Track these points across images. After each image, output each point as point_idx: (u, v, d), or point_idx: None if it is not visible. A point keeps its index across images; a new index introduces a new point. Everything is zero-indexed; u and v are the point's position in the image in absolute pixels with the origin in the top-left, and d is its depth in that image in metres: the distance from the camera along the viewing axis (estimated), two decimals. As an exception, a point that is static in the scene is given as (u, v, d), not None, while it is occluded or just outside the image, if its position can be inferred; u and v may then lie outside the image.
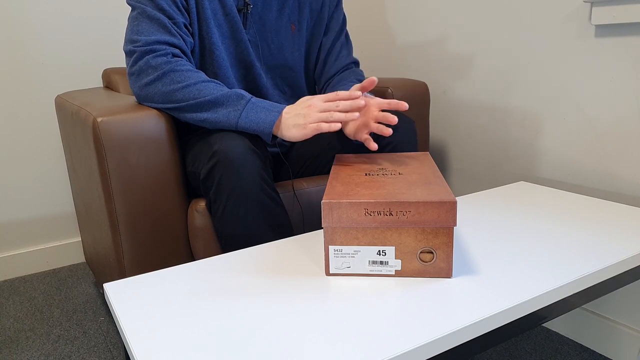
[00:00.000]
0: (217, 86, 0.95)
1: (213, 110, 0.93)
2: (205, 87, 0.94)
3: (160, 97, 0.96)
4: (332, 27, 1.22)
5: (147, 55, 0.95)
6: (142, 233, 0.99)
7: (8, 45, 1.53)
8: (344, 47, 1.24)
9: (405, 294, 0.65)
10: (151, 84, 0.96)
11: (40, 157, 1.65)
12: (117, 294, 0.69)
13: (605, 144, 1.09)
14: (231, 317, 0.61)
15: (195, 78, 0.94)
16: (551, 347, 1.16)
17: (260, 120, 0.92)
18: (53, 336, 1.29)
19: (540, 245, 0.79)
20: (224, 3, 1.05)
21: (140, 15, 0.98)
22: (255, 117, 0.92)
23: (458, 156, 1.47)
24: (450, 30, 1.41)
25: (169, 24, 0.98)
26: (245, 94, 0.94)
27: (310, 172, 1.19)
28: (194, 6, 1.02)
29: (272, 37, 1.13)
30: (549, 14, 1.15)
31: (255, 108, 0.93)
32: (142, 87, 0.97)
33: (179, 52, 0.98)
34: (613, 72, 1.05)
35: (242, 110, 0.92)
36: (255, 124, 0.92)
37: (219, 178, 0.89)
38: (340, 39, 1.23)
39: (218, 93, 0.93)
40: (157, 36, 0.96)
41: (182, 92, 0.94)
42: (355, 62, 1.25)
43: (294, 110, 0.93)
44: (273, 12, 1.12)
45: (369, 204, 0.67)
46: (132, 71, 0.98)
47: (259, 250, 0.82)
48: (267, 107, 0.94)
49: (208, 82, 0.95)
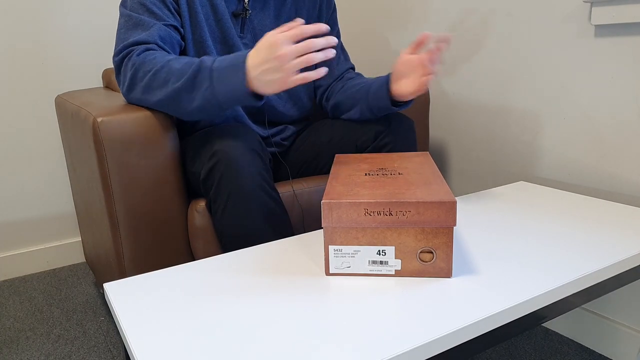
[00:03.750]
0: (181, 62, 0.89)
1: (189, 99, 0.89)
2: (171, 67, 0.89)
3: (142, 93, 0.95)
4: (329, 32, 1.22)
5: (124, 60, 0.96)
6: (142, 233, 0.99)
7: (8, 46, 1.53)
8: (342, 52, 1.25)
9: (405, 293, 0.65)
10: (132, 86, 0.95)
11: (40, 157, 1.65)
12: (117, 294, 0.69)
13: (605, 144, 1.09)
14: (231, 317, 0.61)
15: (162, 60, 0.91)
16: (551, 347, 1.16)
17: (232, 87, 0.84)
18: (53, 336, 1.29)
19: (540, 245, 0.79)
20: (215, 8, 1.05)
21: (125, 24, 0.99)
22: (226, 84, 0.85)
23: (458, 156, 1.47)
24: (450, 30, 1.41)
25: (153, 25, 0.97)
26: (207, 63, 0.87)
27: (310, 172, 1.19)
28: (186, 10, 1.02)
29: None
30: (549, 14, 1.15)
31: (221, 74, 0.85)
32: (127, 92, 0.97)
33: (154, 47, 0.96)
34: (613, 72, 1.05)
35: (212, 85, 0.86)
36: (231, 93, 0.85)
37: (219, 178, 0.89)
38: (337, 43, 1.24)
39: (185, 74, 0.87)
40: (133, 38, 0.96)
41: (154, 80, 0.91)
42: (352, 67, 1.25)
43: (260, 62, 0.82)
44: (270, 18, 1.12)
45: (368, 204, 0.67)
46: (118, 81, 0.99)
47: (259, 250, 0.82)
48: (231, 63, 0.85)
49: (173, 60, 0.90)
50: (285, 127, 1.21)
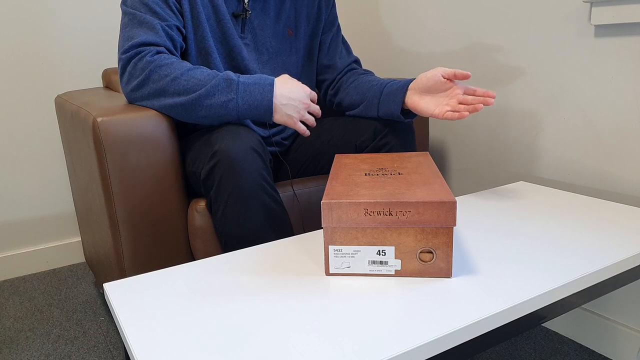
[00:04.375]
0: (203, 72, 0.94)
1: (208, 106, 0.93)
2: (192, 76, 0.93)
3: (153, 96, 0.96)
4: (329, 27, 1.23)
5: (133, 59, 0.96)
6: (142, 233, 0.99)
7: (8, 45, 1.53)
8: (344, 46, 1.25)
9: (405, 293, 0.65)
10: (142, 86, 0.96)
11: (40, 157, 1.65)
12: (117, 294, 0.69)
13: (605, 144, 1.09)
14: (231, 317, 0.61)
15: (182, 68, 0.94)
16: (551, 347, 1.16)
17: (257, 103, 0.94)
18: (53, 336, 1.29)
19: (540, 245, 0.79)
20: (217, 9, 1.05)
21: (130, 22, 0.99)
22: (251, 99, 0.93)
23: (458, 156, 1.47)
24: (450, 30, 1.41)
25: (159, 26, 0.97)
26: (232, 76, 0.94)
27: (310, 172, 1.19)
28: (188, 11, 1.03)
29: (269, 42, 1.13)
30: (549, 14, 1.15)
31: (247, 89, 0.93)
32: (133, 90, 0.97)
33: (164, 50, 0.98)
34: (613, 72, 1.05)
35: (238, 97, 0.93)
36: (254, 107, 0.94)
37: (219, 178, 0.89)
38: (338, 37, 1.24)
39: (207, 83, 0.92)
40: (142, 38, 0.96)
41: (172, 86, 0.93)
42: (357, 60, 1.25)
43: (289, 96, 0.96)
44: (270, 18, 1.12)
45: (368, 204, 0.67)
46: (122, 79, 0.99)
47: (259, 250, 0.82)
48: (257, 82, 0.95)
49: (194, 70, 0.94)
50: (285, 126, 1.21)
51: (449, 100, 0.97)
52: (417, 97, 1.00)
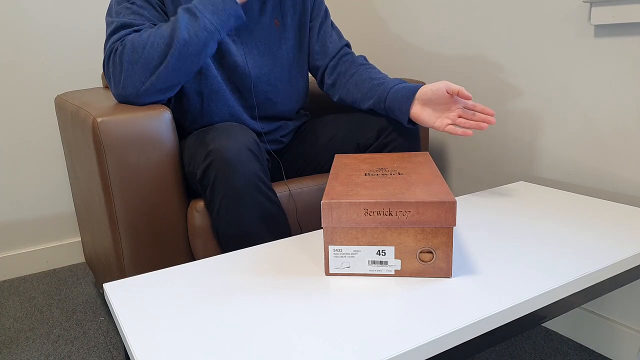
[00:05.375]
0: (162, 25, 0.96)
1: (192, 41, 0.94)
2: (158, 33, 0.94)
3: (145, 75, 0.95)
4: (317, 13, 1.22)
5: (111, 55, 0.97)
6: (142, 233, 0.99)
7: (8, 45, 1.53)
8: (334, 30, 1.24)
9: (405, 293, 0.65)
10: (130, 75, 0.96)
11: (40, 157, 1.65)
12: (117, 294, 0.69)
13: (604, 144, 1.09)
14: (231, 317, 0.61)
15: (145, 35, 0.95)
16: (551, 347, 1.16)
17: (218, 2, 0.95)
18: (53, 336, 1.29)
19: (540, 245, 0.79)
20: None
21: (115, 31, 0.99)
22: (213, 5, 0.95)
23: (458, 156, 1.47)
24: (450, 30, 1.41)
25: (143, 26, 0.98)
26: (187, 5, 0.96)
27: (309, 171, 1.19)
28: (172, 11, 1.03)
29: (257, 35, 1.13)
30: (549, 14, 1.15)
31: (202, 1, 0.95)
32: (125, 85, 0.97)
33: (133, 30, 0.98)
34: (612, 72, 1.05)
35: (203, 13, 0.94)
36: (221, 9, 0.95)
37: (213, 178, 0.89)
38: (327, 21, 1.23)
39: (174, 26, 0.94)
40: (116, 35, 0.97)
41: (151, 52, 0.94)
42: (348, 44, 1.23)
43: None
44: (255, 12, 1.12)
45: (368, 204, 0.67)
46: (111, 83, 0.99)
47: (259, 250, 0.82)
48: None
49: (156, 29, 0.96)
50: (283, 123, 1.20)
51: (450, 113, 0.99)
52: (420, 107, 1.01)
